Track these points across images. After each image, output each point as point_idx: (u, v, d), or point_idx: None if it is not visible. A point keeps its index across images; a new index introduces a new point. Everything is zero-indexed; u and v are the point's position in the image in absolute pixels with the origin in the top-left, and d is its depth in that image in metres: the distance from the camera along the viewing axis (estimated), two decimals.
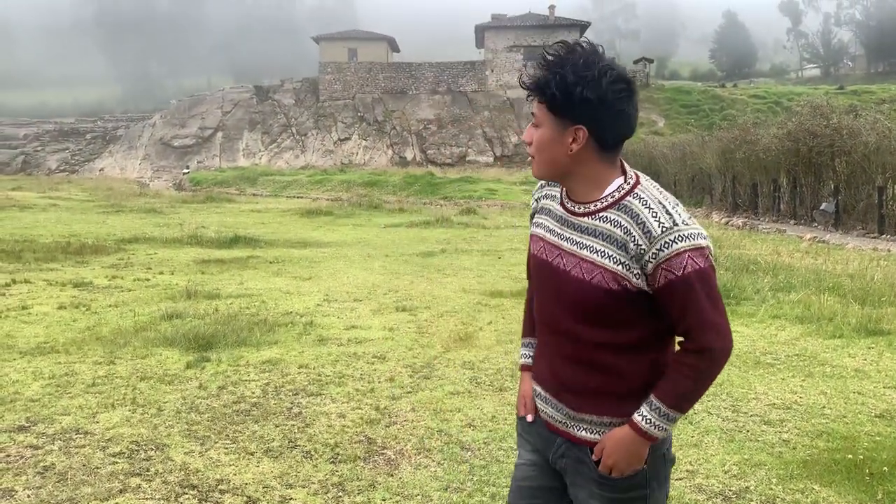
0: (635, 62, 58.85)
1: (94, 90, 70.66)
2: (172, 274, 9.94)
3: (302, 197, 35.03)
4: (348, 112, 54.55)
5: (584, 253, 1.72)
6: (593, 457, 1.78)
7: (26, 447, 3.90)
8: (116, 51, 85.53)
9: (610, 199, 1.73)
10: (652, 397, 1.71)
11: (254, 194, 37.94)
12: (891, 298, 7.63)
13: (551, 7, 55.55)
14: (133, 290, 8.66)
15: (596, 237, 1.72)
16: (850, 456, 3.80)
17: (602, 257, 1.70)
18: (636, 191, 1.71)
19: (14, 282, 8.94)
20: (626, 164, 1.77)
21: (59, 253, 11.76)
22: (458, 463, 3.79)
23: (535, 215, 1.89)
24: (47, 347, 5.93)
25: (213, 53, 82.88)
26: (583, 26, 54.58)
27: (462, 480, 3.59)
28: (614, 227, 1.69)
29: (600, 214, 1.73)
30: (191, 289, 8.37)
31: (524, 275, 2.06)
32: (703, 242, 1.66)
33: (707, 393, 4.76)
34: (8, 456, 3.79)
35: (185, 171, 49.31)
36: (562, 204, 1.81)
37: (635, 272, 1.67)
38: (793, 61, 79.91)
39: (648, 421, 1.71)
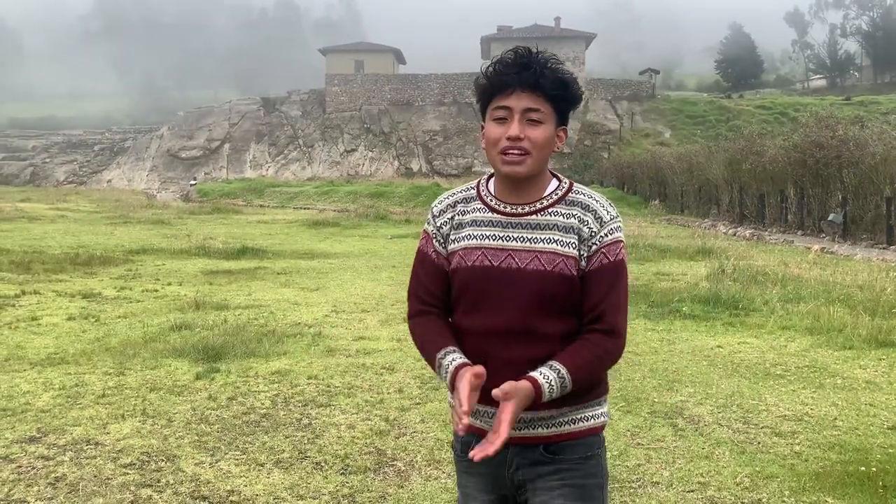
0: (641, 73, 59.05)
1: (103, 102, 71.10)
2: (181, 285, 9.97)
3: (309, 208, 35.10)
4: (355, 124, 54.78)
5: (541, 245, 1.80)
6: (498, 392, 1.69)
7: (38, 458, 3.91)
8: (124, 63, 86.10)
9: (554, 197, 1.84)
10: (554, 361, 1.75)
11: (261, 205, 38.05)
12: None
13: (557, 18, 55.83)
14: (141, 301, 8.69)
15: (551, 230, 1.80)
16: (862, 468, 3.78)
17: (562, 246, 1.79)
18: (575, 188, 1.87)
19: (24, 293, 8.98)
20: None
21: (68, 264, 11.81)
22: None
23: (454, 231, 1.88)
24: (57, 358, 5.95)
25: (220, 66, 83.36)
26: (588, 38, 54.79)
27: None
28: (567, 218, 1.81)
29: (549, 210, 1.83)
30: (199, 300, 8.40)
31: None
32: (624, 239, 1.86)
33: (717, 404, 4.79)
34: (20, 467, 3.80)
35: (193, 182, 49.52)
36: (495, 211, 1.85)
37: (584, 255, 1.80)
38: (799, 72, 79.88)
39: (546, 378, 1.72)
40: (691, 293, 8.61)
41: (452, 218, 1.90)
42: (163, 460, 3.90)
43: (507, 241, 1.82)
